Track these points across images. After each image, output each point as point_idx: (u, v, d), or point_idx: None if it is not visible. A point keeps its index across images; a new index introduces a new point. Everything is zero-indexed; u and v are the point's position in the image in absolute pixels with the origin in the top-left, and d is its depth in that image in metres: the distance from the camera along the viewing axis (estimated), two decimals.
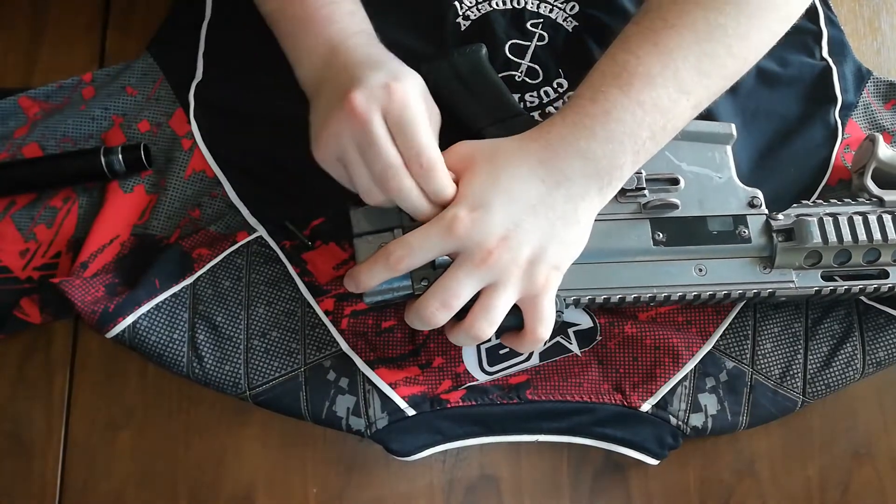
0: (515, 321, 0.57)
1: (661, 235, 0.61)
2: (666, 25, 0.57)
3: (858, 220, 0.60)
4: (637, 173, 0.60)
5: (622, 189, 0.60)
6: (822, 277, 0.61)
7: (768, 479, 0.66)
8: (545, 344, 0.65)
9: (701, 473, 0.66)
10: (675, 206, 0.61)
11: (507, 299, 0.55)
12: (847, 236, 0.60)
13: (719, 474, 0.66)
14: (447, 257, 0.56)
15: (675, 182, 0.62)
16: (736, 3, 0.57)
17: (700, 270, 0.60)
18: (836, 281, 0.62)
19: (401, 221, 0.58)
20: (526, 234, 0.55)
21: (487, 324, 0.55)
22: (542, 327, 0.56)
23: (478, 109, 0.64)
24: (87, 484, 0.65)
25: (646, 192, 0.61)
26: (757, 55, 0.61)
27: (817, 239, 0.59)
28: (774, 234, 0.61)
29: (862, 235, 0.60)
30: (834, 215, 0.60)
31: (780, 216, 0.62)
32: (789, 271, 0.61)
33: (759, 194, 0.62)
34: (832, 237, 0.59)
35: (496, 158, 0.56)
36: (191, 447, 0.66)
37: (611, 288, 0.60)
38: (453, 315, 0.56)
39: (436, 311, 0.55)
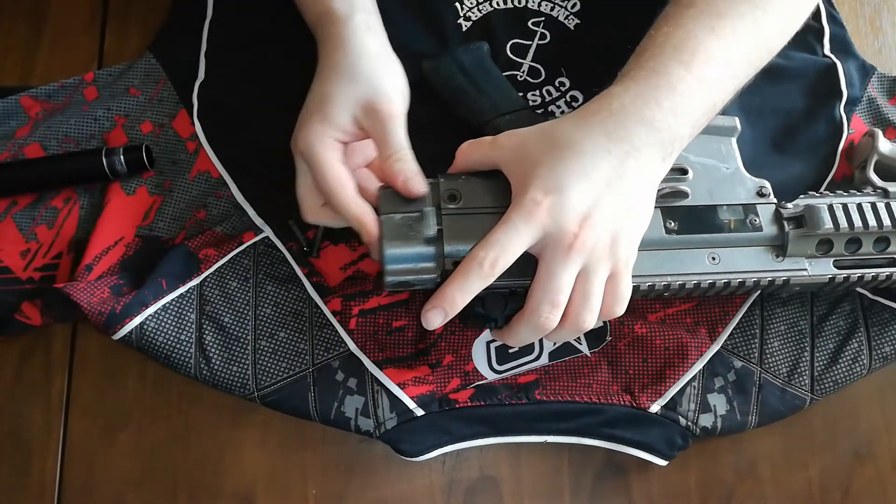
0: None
1: (672, 224, 0.60)
2: (719, 13, 0.58)
3: (867, 206, 0.60)
4: None
5: None
6: (834, 266, 0.61)
7: (769, 480, 0.66)
8: (555, 343, 0.65)
9: (702, 474, 0.66)
10: (685, 195, 0.61)
11: (600, 280, 0.54)
12: (857, 222, 0.60)
13: (720, 475, 0.66)
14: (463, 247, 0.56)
15: (684, 172, 0.61)
16: (774, 2, 0.60)
17: (713, 259, 0.60)
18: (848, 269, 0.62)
19: (431, 202, 0.57)
20: (604, 212, 0.53)
21: (589, 312, 0.54)
22: (619, 306, 0.55)
23: (482, 104, 0.65)
24: (86, 485, 0.64)
25: None
26: (778, 50, 0.63)
27: (828, 225, 0.59)
28: (785, 222, 0.60)
29: (872, 221, 0.60)
30: (843, 204, 0.61)
31: (790, 205, 0.61)
32: (802, 259, 0.61)
33: (767, 184, 0.62)
34: (843, 223, 0.59)
35: (556, 139, 0.55)
36: (190, 448, 0.65)
37: None
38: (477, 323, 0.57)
39: (549, 314, 0.53)
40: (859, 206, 0.60)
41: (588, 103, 0.57)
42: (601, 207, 0.53)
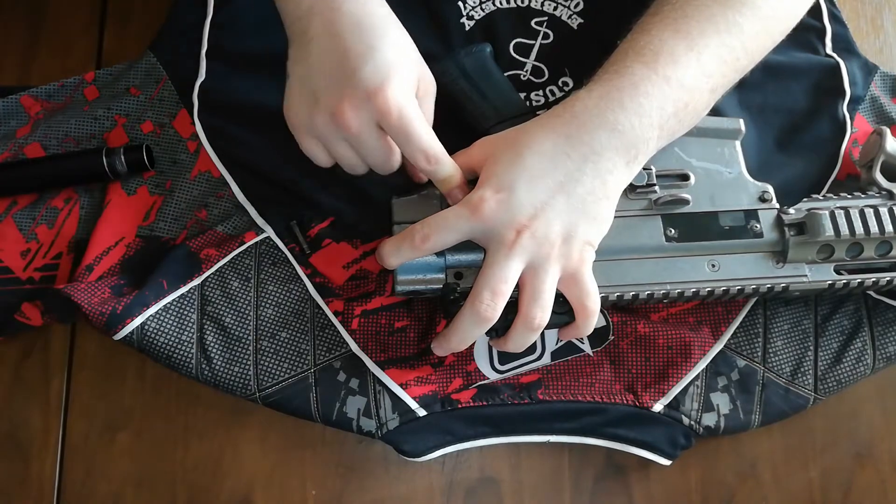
0: (563, 319, 0.58)
1: (672, 231, 0.61)
2: (685, 15, 0.58)
3: (870, 212, 0.60)
4: (647, 169, 0.60)
5: (632, 185, 0.60)
6: (835, 271, 0.61)
7: (770, 481, 0.66)
8: (558, 342, 0.65)
9: (702, 475, 0.66)
10: (686, 202, 0.61)
11: (551, 279, 0.55)
12: (859, 229, 0.60)
13: (721, 476, 0.66)
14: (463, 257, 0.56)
15: (686, 178, 0.62)
16: (752, 4, 0.59)
17: (713, 266, 0.60)
18: (849, 274, 0.62)
19: (441, 210, 0.58)
20: (554, 212, 0.55)
21: (540, 309, 0.55)
22: (590, 300, 0.57)
23: (484, 108, 0.64)
24: (84, 486, 0.64)
25: (656, 188, 0.61)
26: (761, 56, 0.63)
27: (829, 232, 0.59)
28: (786, 229, 0.61)
29: (874, 228, 0.60)
30: (845, 209, 0.61)
31: (792, 210, 0.62)
32: (802, 265, 0.61)
33: (770, 189, 0.62)
34: (844, 230, 0.59)
35: (518, 140, 0.57)
36: (189, 449, 0.65)
37: (624, 285, 0.60)
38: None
39: (489, 302, 0.54)
40: (861, 212, 0.60)
41: (556, 106, 0.58)
42: (551, 208, 0.55)
